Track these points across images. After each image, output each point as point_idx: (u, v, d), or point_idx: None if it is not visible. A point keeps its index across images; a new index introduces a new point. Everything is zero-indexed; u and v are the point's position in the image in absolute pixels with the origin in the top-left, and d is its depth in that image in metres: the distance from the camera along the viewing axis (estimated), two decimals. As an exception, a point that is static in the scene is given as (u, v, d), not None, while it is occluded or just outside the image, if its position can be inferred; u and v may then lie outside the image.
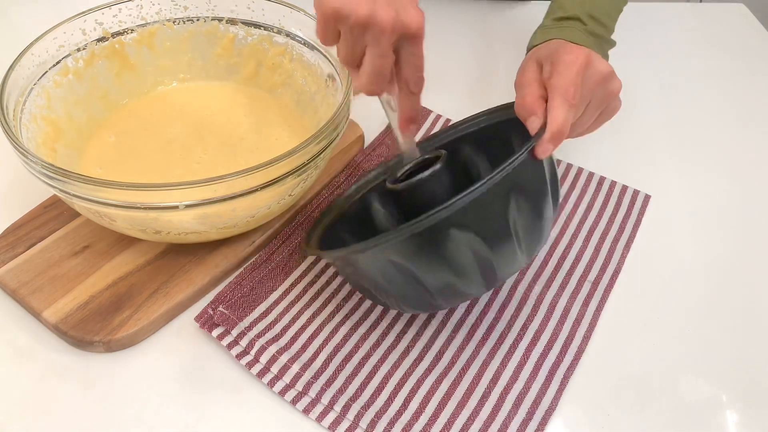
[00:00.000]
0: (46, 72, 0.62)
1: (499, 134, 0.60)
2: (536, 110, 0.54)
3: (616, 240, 0.66)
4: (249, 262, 0.61)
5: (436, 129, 0.76)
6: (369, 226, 0.62)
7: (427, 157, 0.57)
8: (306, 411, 0.52)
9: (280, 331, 0.56)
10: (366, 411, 0.52)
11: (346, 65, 0.52)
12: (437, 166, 0.54)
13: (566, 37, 0.60)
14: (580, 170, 0.72)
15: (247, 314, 0.57)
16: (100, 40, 0.66)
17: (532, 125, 0.53)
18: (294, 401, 0.52)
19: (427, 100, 0.78)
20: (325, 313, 0.58)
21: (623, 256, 0.64)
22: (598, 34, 0.63)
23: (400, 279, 0.49)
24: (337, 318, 0.58)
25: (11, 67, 0.58)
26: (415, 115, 0.55)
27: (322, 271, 0.61)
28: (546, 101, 0.55)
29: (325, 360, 0.55)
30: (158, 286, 0.58)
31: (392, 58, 0.50)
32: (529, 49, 0.64)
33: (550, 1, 0.67)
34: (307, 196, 0.67)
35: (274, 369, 0.54)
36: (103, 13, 0.66)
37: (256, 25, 0.69)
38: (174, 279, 0.58)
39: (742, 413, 0.54)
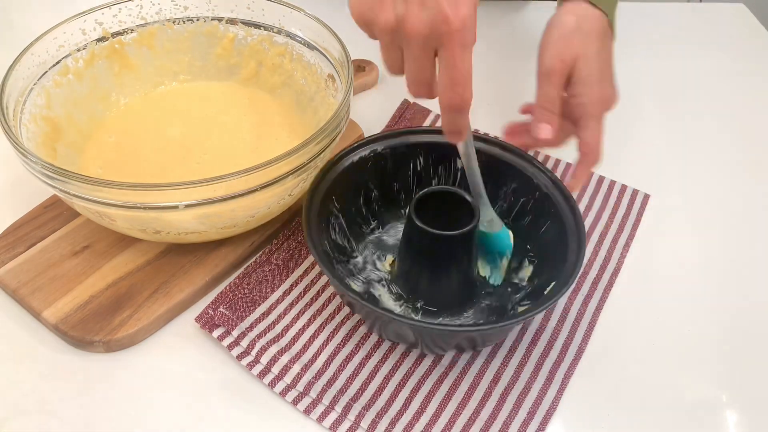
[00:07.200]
0: (46, 72, 0.62)
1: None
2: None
3: (615, 239, 0.66)
4: (249, 263, 0.61)
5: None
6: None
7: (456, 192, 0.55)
8: (307, 411, 0.52)
9: (281, 331, 0.56)
10: (367, 411, 0.52)
11: (388, 70, 0.48)
12: (467, 228, 0.53)
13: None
14: (580, 170, 0.72)
15: (247, 315, 0.57)
16: (100, 40, 0.66)
17: (543, 132, 0.59)
18: (295, 402, 0.52)
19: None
20: (326, 313, 0.58)
21: (623, 256, 0.64)
22: None
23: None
24: (338, 318, 0.58)
25: (11, 67, 0.58)
26: (454, 130, 0.49)
27: (323, 272, 0.61)
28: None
29: (326, 360, 0.55)
30: (158, 286, 0.58)
31: (431, 64, 0.45)
32: None
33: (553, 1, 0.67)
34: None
35: (275, 370, 0.54)
36: (103, 13, 0.66)
37: (256, 25, 0.69)
38: (174, 279, 0.58)
39: (742, 413, 0.55)
